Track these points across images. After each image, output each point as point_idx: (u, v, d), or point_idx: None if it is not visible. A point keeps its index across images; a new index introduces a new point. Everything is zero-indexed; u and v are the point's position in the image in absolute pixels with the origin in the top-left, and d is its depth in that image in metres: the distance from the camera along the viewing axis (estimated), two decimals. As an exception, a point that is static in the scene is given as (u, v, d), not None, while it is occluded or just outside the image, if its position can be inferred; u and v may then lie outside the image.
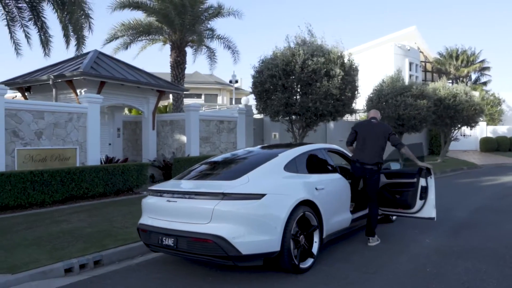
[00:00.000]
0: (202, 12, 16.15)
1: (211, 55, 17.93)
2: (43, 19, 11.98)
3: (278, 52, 11.91)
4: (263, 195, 4.18)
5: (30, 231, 6.34)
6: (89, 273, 4.89)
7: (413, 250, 5.36)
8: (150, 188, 4.88)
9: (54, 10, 12.02)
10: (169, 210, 4.36)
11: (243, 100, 18.41)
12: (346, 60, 11.95)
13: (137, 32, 15.53)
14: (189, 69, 19.15)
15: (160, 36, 16.34)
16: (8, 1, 11.76)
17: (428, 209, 5.67)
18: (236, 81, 26.70)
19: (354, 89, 12.00)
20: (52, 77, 11.07)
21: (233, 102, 28.01)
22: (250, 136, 15.66)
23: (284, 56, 11.60)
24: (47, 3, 11.82)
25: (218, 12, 16.37)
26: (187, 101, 19.48)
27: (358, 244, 5.70)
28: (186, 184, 4.77)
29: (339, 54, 11.87)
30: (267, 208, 4.16)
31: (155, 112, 13.89)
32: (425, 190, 5.65)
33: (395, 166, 6.43)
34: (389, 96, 17.77)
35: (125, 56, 65.02)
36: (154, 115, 13.86)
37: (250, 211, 4.07)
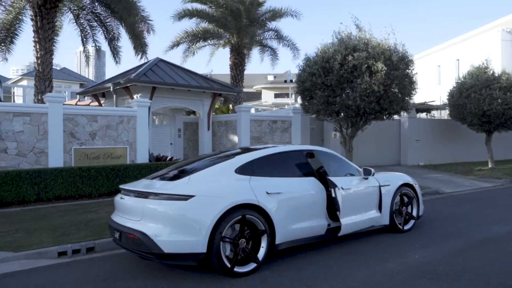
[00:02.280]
0: (260, 15, 16.53)
1: (273, 54, 18.25)
2: (112, 33, 13.68)
3: (324, 48, 11.65)
4: (191, 196, 4.33)
5: (58, 219, 7.41)
6: (77, 257, 5.60)
7: (383, 266, 4.84)
8: (120, 186, 5.39)
9: (120, 23, 13.63)
10: (120, 207, 4.82)
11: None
12: (394, 53, 11.12)
13: (197, 37, 16.60)
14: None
15: (220, 40, 17.19)
16: (82, 21, 13.74)
17: None
18: (291, 81, 26.33)
19: (405, 84, 11.10)
20: (111, 84, 12.56)
21: (293, 100, 27.82)
22: (306, 136, 15.52)
23: (325, 53, 11.32)
24: (112, 18, 13.48)
25: (277, 14, 16.59)
26: (249, 103, 20.04)
27: (331, 254, 5.36)
28: (143, 183, 5.07)
29: (387, 47, 11.12)
30: (193, 209, 4.29)
31: (210, 113, 14.69)
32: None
33: None
34: (472, 90, 15.88)
35: (193, 61, 68.99)
36: (209, 116, 14.66)
37: (175, 211, 4.26)
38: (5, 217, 7.68)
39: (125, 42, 16.07)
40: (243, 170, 4.90)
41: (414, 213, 6.73)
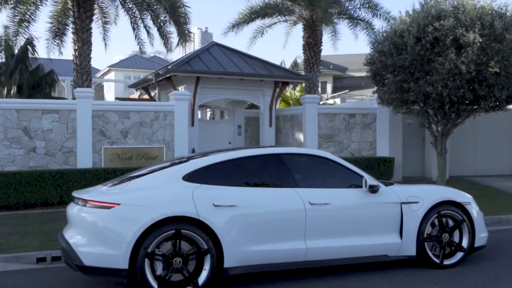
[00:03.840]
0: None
1: (367, 28, 17.88)
2: (161, 18, 15.15)
3: (402, 19, 11.17)
4: (114, 204, 4.76)
5: (64, 222, 8.69)
6: (54, 265, 6.62)
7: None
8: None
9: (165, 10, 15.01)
10: (67, 215, 5.41)
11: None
12: (498, 18, 10.09)
13: (263, 14, 17.15)
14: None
15: (292, 16, 17.51)
16: (130, 6, 15.46)
17: None
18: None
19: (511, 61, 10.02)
20: (153, 76, 13.89)
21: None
22: (397, 134, 14.87)
23: (400, 25, 10.85)
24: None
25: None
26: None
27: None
28: (96, 190, 5.52)
29: (489, 9, 10.16)
30: (114, 219, 4.73)
31: (272, 106, 15.09)
32: None
33: None
34: None
35: (264, 44, 68.70)
36: (271, 109, 15.08)
37: (97, 221, 4.76)
38: (20, 218, 9.26)
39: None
40: (193, 177, 5.15)
41: (464, 243, 6.05)
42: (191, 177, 5.17)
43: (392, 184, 6.40)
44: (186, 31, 15.49)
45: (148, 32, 16.25)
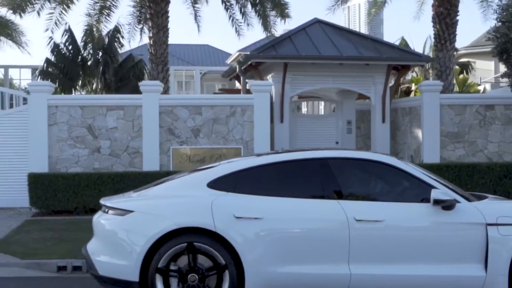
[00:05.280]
0: None
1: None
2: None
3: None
4: (128, 211, 5.31)
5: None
6: (74, 274, 7.58)
7: None
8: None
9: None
10: None
11: None
12: None
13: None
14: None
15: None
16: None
17: None
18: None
19: None
20: (236, 64, 14.55)
21: None
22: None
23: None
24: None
25: None
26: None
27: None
28: (119, 196, 6.29)
29: None
30: (126, 227, 5.30)
31: (386, 96, 14.70)
32: None
33: None
34: None
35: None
36: (384, 101, 14.64)
37: (112, 228, 5.40)
38: (70, 224, 10.53)
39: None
40: (219, 183, 5.46)
41: None
42: (217, 184, 5.48)
43: (486, 198, 6.07)
44: (282, 2, 15.93)
45: (241, 11, 17.05)
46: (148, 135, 12.49)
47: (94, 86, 18.78)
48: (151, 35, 15.31)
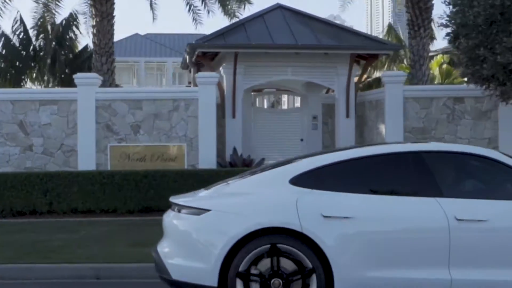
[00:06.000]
0: None
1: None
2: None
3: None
4: (205, 210, 5.37)
5: (33, 234, 10.02)
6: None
7: None
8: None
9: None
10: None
11: None
12: None
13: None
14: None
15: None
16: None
17: None
18: None
19: None
20: (186, 55, 14.90)
21: None
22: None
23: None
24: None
25: None
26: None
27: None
28: (191, 194, 6.19)
29: None
30: (203, 227, 5.37)
31: (349, 88, 14.93)
32: None
33: None
34: None
35: None
36: (348, 94, 14.81)
37: (187, 228, 5.49)
38: None
39: None
40: (303, 180, 5.51)
41: None
42: (300, 180, 5.54)
43: None
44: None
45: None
46: (83, 131, 12.83)
47: (45, 79, 19.17)
48: (94, 23, 15.64)
